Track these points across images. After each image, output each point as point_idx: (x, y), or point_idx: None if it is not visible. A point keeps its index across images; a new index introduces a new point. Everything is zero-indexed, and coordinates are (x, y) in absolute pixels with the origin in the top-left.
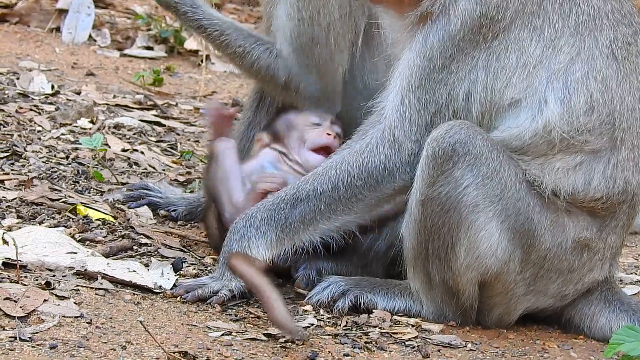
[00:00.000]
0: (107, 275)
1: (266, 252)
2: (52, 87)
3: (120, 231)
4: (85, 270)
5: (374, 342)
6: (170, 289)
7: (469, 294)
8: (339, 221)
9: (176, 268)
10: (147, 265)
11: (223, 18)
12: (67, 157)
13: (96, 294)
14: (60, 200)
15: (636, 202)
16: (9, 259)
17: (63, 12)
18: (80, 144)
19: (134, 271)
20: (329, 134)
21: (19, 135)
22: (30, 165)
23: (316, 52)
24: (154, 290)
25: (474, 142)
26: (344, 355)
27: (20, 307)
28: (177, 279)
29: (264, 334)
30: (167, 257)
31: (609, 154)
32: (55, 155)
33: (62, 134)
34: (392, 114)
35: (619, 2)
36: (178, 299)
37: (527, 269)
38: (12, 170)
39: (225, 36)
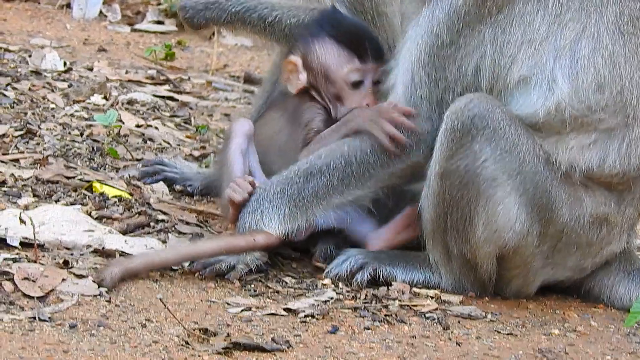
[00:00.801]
0: (125, 252)
1: (279, 227)
2: (65, 64)
3: (137, 208)
4: (103, 248)
5: (394, 315)
6: (188, 266)
7: (487, 267)
8: (352, 195)
9: None
10: (164, 242)
11: None
12: (82, 134)
13: None
14: (76, 178)
15: None
16: (27, 238)
17: None
18: (95, 120)
19: (151, 248)
20: (367, 105)
21: (33, 113)
22: (45, 143)
23: (366, 5)
24: (172, 267)
25: (492, 116)
26: (365, 328)
27: (39, 286)
28: None
29: (284, 309)
30: (184, 233)
31: (623, 132)
32: (69, 133)
33: (76, 111)
34: (402, 91)
35: None
36: (196, 275)
37: (545, 242)
38: (26, 148)
39: (276, 11)
